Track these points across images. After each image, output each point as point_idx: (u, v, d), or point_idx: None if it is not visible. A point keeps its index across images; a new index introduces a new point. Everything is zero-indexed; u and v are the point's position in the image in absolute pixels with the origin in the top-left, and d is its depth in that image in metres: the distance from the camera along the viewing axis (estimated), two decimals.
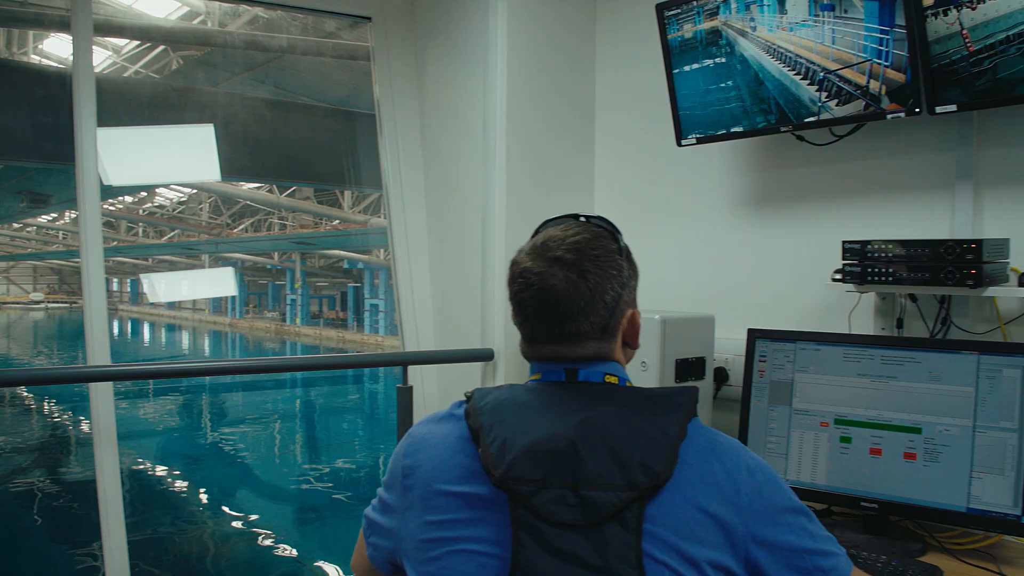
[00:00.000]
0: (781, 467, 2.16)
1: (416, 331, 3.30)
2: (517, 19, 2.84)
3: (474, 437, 1.22)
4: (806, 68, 2.25)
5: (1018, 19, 1.86)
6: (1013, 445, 1.87)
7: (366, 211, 19.56)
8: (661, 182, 2.90)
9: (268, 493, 9.08)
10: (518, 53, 2.86)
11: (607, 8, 3.07)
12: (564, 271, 1.25)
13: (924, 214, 2.27)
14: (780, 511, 1.17)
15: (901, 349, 2.04)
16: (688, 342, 2.30)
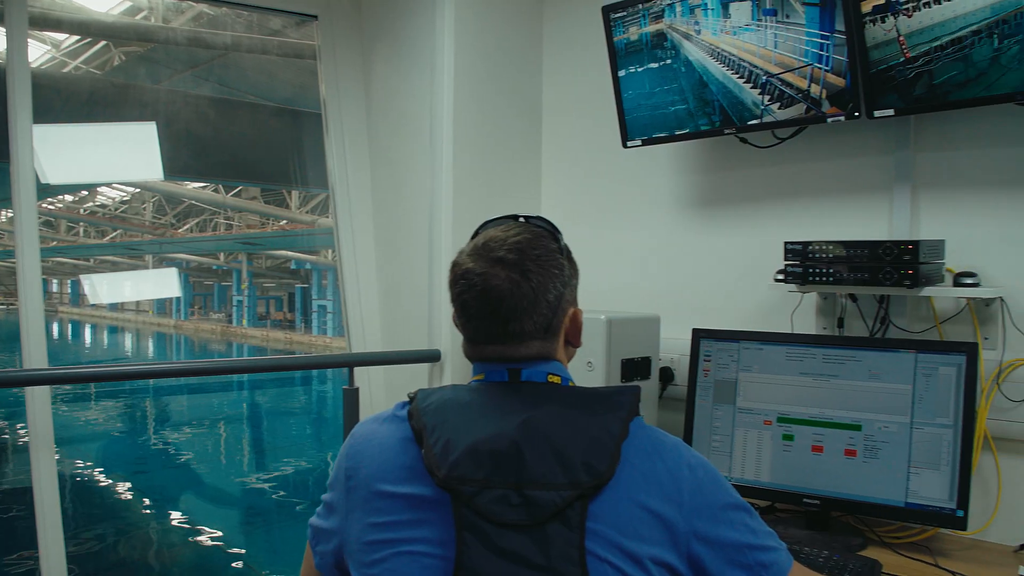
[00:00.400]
0: (725, 465, 2.19)
1: (363, 332, 3.27)
2: (464, 20, 2.83)
3: (417, 438, 1.21)
4: (749, 72, 2.29)
5: (952, 27, 1.91)
6: (949, 441, 1.92)
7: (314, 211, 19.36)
8: (607, 183, 2.92)
9: (214, 498, 8.93)
10: (465, 54, 2.85)
11: (554, 10, 3.07)
12: (506, 271, 1.25)
13: (864, 215, 2.32)
14: (721, 508, 1.18)
15: (841, 348, 2.08)
16: (634, 342, 2.32)
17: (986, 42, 1.88)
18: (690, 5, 2.36)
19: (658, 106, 2.50)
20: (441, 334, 2.83)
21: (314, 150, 3.47)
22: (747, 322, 2.50)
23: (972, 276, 2.03)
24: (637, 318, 2.37)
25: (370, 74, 3.29)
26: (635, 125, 2.57)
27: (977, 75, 1.92)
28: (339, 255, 3.31)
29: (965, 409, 1.92)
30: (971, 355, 1.93)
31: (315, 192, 15.65)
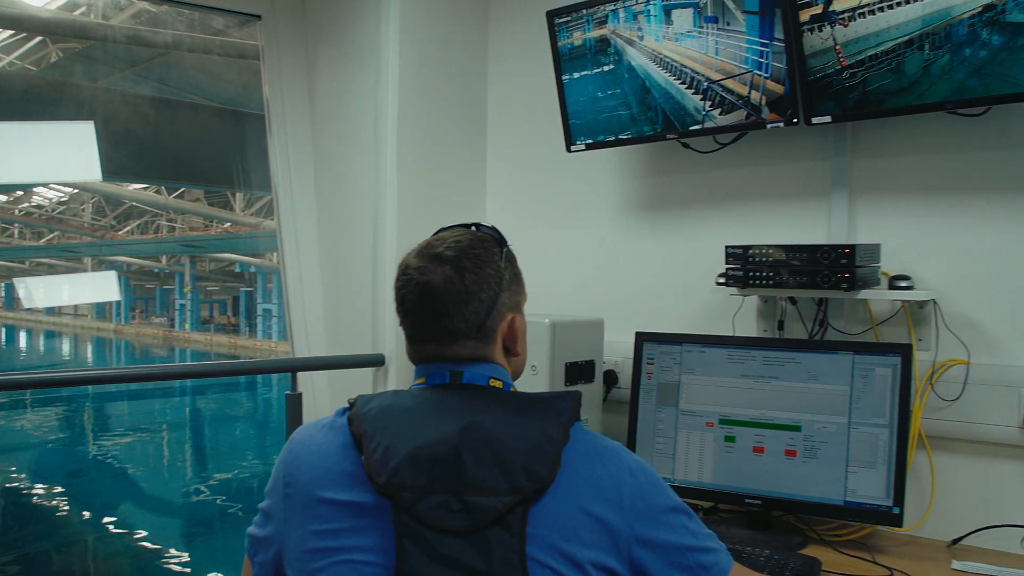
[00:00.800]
0: (669, 467, 2.21)
1: (306, 337, 3.24)
2: (409, 24, 2.82)
3: (357, 444, 1.20)
4: (691, 78, 2.31)
5: (885, 37, 1.96)
6: (885, 440, 1.96)
7: (259, 213, 19.12)
8: (552, 187, 2.92)
9: (155, 507, 8.76)
10: (410, 58, 2.84)
11: (499, 14, 3.08)
12: (442, 267, 1.27)
13: (803, 220, 2.36)
14: (662, 511, 1.20)
15: (781, 350, 2.12)
16: (578, 345, 2.33)
17: (917, 52, 1.93)
18: (633, 11, 2.38)
19: (602, 111, 2.52)
20: (385, 338, 2.81)
21: (257, 152, 3.42)
22: (690, 325, 2.52)
23: (906, 279, 2.09)
24: (581, 321, 2.38)
25: (314, 76, 3.25)
26: (579, 129, 2.59)
27: (909, 84, 1.97)
28: (282, 258, 3.27)
29: (900, 409, 1.96)
30: (906, 356, 1.98)
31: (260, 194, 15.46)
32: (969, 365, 2.05)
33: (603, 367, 2.46)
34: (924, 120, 2.12)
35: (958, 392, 2.05)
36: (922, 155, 2.17)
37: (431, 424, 1.19)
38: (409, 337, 1.34)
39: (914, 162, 2.18)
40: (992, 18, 1.82)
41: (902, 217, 2.19)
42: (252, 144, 3.56)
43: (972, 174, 2.10)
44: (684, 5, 2.28)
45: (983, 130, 2.06)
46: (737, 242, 2.21)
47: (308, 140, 3.29)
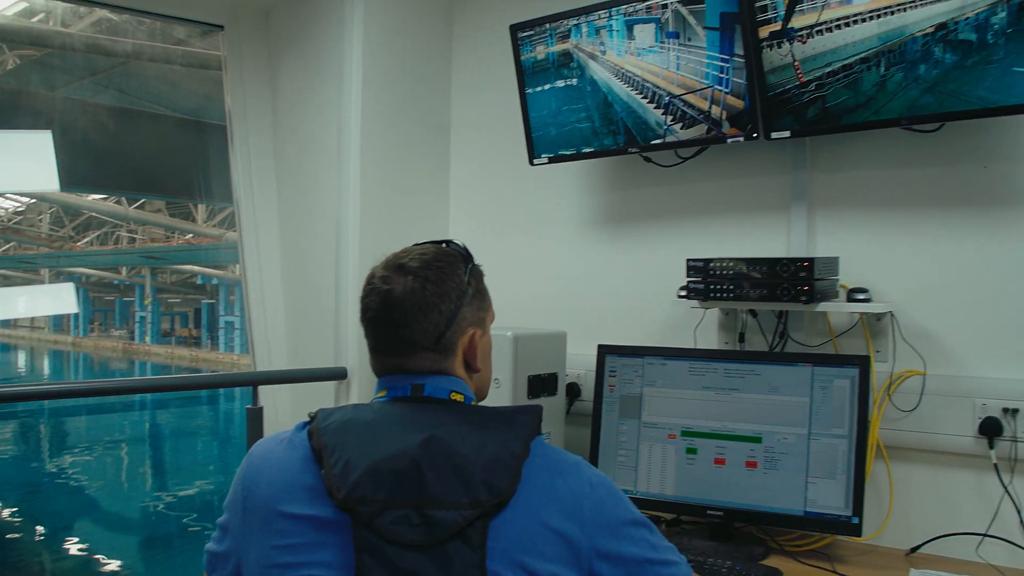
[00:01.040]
0: (631, 479, 2.22)
1: (268, 350, 3.21)
2: (373, 36, 2.82)
3: (317, 458, 1.19)
4: (653, 92, 2.34)
5: (843, 54, 2.00)
6: (844, 451, 1.99)
7: (222, 225, 18.93)
8: (515, 200, 2.93)
9: (114, 523, 8.61)
10: (374, 70, 2.83)
11: (464, 27, 3.08)
12: (405, 277, 1.28)
13: (763, 233, 2.39)
14: (622, 524, 1.20)
15: (742, 362, 2.14)
16: (540, 358, 2.33)
17: (873, 69, 1.97)
18: (596, 26, 2.40)
19: (564, 124, 2.54)
20: (348, 352, 2.79)
21: (219, 163, 3.40)
22: (652, 337, 2.54)
23: (864, 292, 2.12)
24: (544, 334, 2.38)
25: (277, 86, 3.24)
26: (542, 143, 2.60)
27: (866, 100, 2.00)
28: (244, 271, 3.24)
29: (859, 420, 1.99)
30: (863, 368, 2.00)
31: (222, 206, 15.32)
32: (925, 376, 2.08)
33: (566, 380, 2.47)
34: (881, 136, 2.16)
35: (915, 403, 2.09)
36: (879, 170, 2.20)
37: (392, 438, 1.18)
38: (371, 348, 1.33)
39: (871, 177, 2.22)
40: (945, 37, 1.86)
41: (860, 231, 2.23)
42: (214, 155, 3.53)
43: (927, 189, 2.14)
44: (646, 20, 2.31)
45: (937, 146, 2.10)
46: (698, 255, 2.23)
47: (270, 151, 3.27)
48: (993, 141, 2.04)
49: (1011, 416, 1.96)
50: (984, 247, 2.06)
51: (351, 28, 2.80)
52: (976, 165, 2.07)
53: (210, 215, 18.79)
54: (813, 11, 2.02)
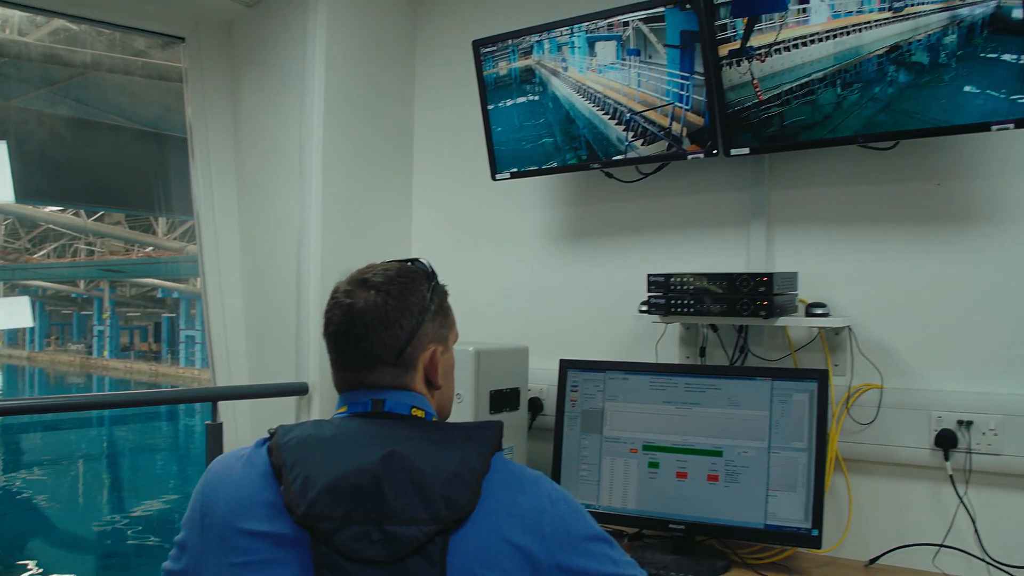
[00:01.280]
0: (593, 494, 2.22)
1: (228, 365, 3.17)
2: (335, 49, 2.81)
3: (277, 474, 1.18)
4: (614, 108, 2.35)
5: (800, 73, 2.03)
6: (804, 464, 2.01)
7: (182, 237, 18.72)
8: (477, 215, 2.93)
9: (69, 542, 8.42)
10: (336, 84, 2.82)
11: (426, 42, 3.09)
12: (367, 292, 1.29)
13: (723, 248, 2.41)
14: (583, 539, 1.20)
15: (703, 377, 2.15)
16: (502, 373, 2.33)
17: (830, 88, 2.01)
18: (558, 43, 2.42)
19: (526, 140, 2.55)
20: (309, 367, 2.77)
21: (179, 175, 3.36)
22: (614, 352, 2.55)
23: (822, 306, 2.15)
24: (506, 349, 2.38)
25: (239, 99, 3.21)
26: (504, 158, 2.61)
27: (823, 118, 2.04)
28: (204, 284, 3.21)
29: (818, 433, 2.01)
30: (822, 381, 2.03)
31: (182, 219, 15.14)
32: (883, 389, 2.11)
33: (528, 395, 2.47)
34: (838, 153, 2.20)
35: (872, 416, 2.12)
36: (836, 187, 2.24)
37: (351, 453, 1.17)
38: (332, 362, 1.33)
39: (829, 193, 2.25)
40: (898, 58, 1.91)
41: (818, 246, 2.26)
42: (174, 167, 3.49)
43: (883, 206, 2.17)
44: (607, 38, 2.33)
45: (892, 164, 2.14)
46: (659, 270, 2.25)
47: (231, 164, 3.25)
48: (946, 159, 2.08)
49: (965, 428, 2.00)
50: (938, 263, 2.10)
51: (314, 42, 2.79)
52: (930, 183, 2.11)
53: (171, 228, 18.57)
54: (771, 30, 2.05)
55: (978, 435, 1.98)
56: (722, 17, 2.11)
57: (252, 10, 3.14)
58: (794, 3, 2.01)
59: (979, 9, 1.80)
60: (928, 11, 1.86)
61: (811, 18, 2.00)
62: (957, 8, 1.82)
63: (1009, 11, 1.77)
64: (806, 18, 2.00)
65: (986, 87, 1.83)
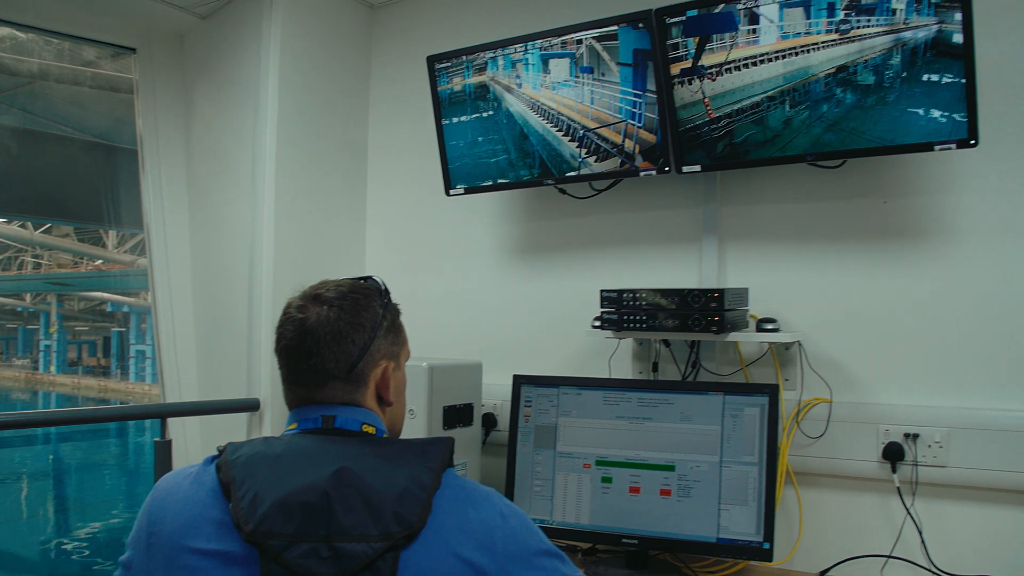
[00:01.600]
0: (547, 509, 2.22)
1: (178, 380, 3.12)
2: (289, 62, 2.79)
3: (225, 492, 1.17)
4: (568, 125, 2.37)
5: (750, 92, 2.06)
6: (755, 477, 2.03)
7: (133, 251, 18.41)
8: (431, 230, 2.93)
9: (11, 564, 8.18)
10: (290, 97, 2.81)
11: (381, 57, 3.09)
12: (320, 307, 1.29)
13: (676, 264, 2.43)
14: (534, 555, 1.20)
15: (655, 392, 2.16)
16: (456, 389, 2.32)
17: (780, 107, 2.04)
18: (512, 59, 2.43)
19: (480, 156, 2.55)
20: (261, 382, 2.73)
21: (129, 187, 3.31)
22: (567, 367, 2.56)
23: (773, 322, 2.17)
24: (459, 365, 2.37)
25: (191, 112, 3.18)
26: (458, 173, 2.61)
27: (773, 136, 2.07)
28: (153, 299, 3.16)
29: (768, 447, 2.03)
30: (773, 396, 2.05)
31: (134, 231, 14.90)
32: (831, 403, 2.15)
33: (482, 410, 2.46)
34: (787, 171, 2.24)
35: (822, 429, 2.15)
36: (786, 204, 2.27)
37: (301, 470, 1.16)
38: (284, 378, 1.32)
39: (779, 210, 2.29)
40: (845, 79, 1.95)
41: (769, 262, 2.29)
42: (124, 179, 3.44)
43: (832, 223, 2.21)
44: (561, 55, 2.34)
45: (840, 182, 2.19)
46: (612, 286, 2.26)
47: (183, 177, 3.21)
48: (892, 178, 2.13)
49: (912, 441, 2.04)
50: (885, 279, 2.14)
51: (268, 55, 2.77)
52: (877, 200, 2.15)
53: (121, 240, 18.26)
54: (722, 50, 2.08)
55: (924, 448, 2.02)
56: (674, 36, 2.14)
57: (205, 22, 3.11)
58: (744, 23, 2.05)
59: (921, 33, 1.85)
60: (873, 34, 1.90)
61: (761, 38, 2.03)
62: (901, 31, 1.87)
63: (950, 35, 1.82)
64: (756, 38, 2.04)
65: (929, 108, 1.87)
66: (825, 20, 1.95)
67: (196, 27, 3.14)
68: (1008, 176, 2.00)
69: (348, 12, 3.04)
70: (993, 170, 2.02)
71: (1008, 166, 2.00)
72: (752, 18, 2.04)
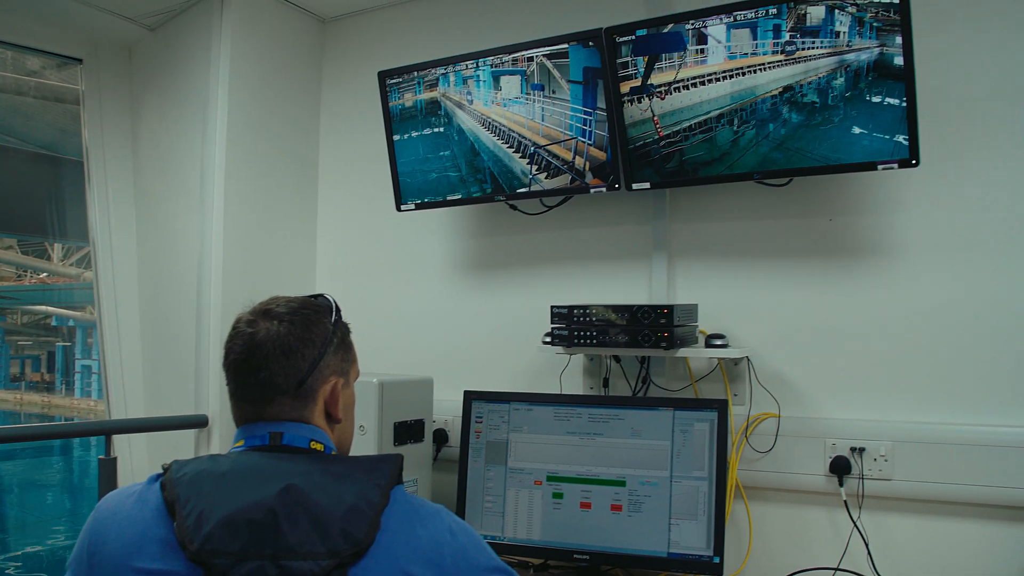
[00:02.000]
0: (498, 525, 2.21)
1: (124, 396, 3.06)
2: (239, 75, 2.76)
3: (170, 510, 1.15)
4: (518, 142, 2.38)
5: (699, 111, 2.09)
6: (705, 492, 2.04)
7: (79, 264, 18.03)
8: (382, 245, 2.91)
9: None
10: (240, 110, 2.77)
11: (333, 72, 3.07)
12: (269, 322, 1.28)
13: (626, 281, 2.45)
14: (483, 571, 1.20)
15: (606, 407, 2.17)
16: (407, 405, 2.30)
17: (727, 126, 2.07)
18: (463, 76, 2.43)
19: (431, 171, 2.55)
20: (208, 398, 2.69)
21: (75, 200, 3.25)
22: (518, 383, 2.56)
23: (722, 338, 2.20)
24: (410, 381, 2.35)
25: (138, 124, 3.13)
26: (409, 189, 2.60)
27: (721, 155, 2.10)
28: (99, 313, 3.09)
29: (718, 462, 2.05)
30: (722, 411, 2.08)
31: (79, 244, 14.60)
32: (780, 418, 2.17)
33: (433, 426, 2.44)
34: (735, 188, 2.27)
35: (770, 444, 2.17)
36: (735, 221, 2.30)
37: (248, 488, 1.15)
38: (231, 393, 1.31)
39: (728, 227, 2.31)
40: (791, 99, 1.98)
41: (717, 279, 2.32)
42: (69, 192, 3.37)
43: (780, 240, 2.25)
44: (512, 72, 2.35)
45: (787, 200, 2.22)
46: (563, 302, 2.27)
47: (130, 190, 3.16)
48: (838, 196, 2.17)
49: (858, 454, 2.07)
50: (831, 295, 2.18)
51: (217, 68, 2.74)
52: (823, 218, 2.19)
53: (67, 254, 17.90)
54: (671, 69, 2.11)
55: (870, 461, 2.06)
56: (624, 55, 2.16)
57: (154, 34, 3.07)
58: (692, 44, 2.08)
59: (864, 55, 1.89)
60: (817, 55, 1.94)
61: (709, 58, 2.06)
62: (844, 53, 1.91)
63: (891, 58, 1.86)
64: (704, 58, 2.07)
65: (872, 128, 1.92)
66: (771, 41, 1.99)
67: (144, 38, 3.10)
68: (948, 195, 2.06)
69: (299, 26, 3.02)
70: (934, 189, 2.07)
71: (948, 186, 2.05)
72: (700, 38, 2.07)
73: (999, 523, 1.96)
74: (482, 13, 2.72)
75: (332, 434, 1.33)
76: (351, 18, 3.03)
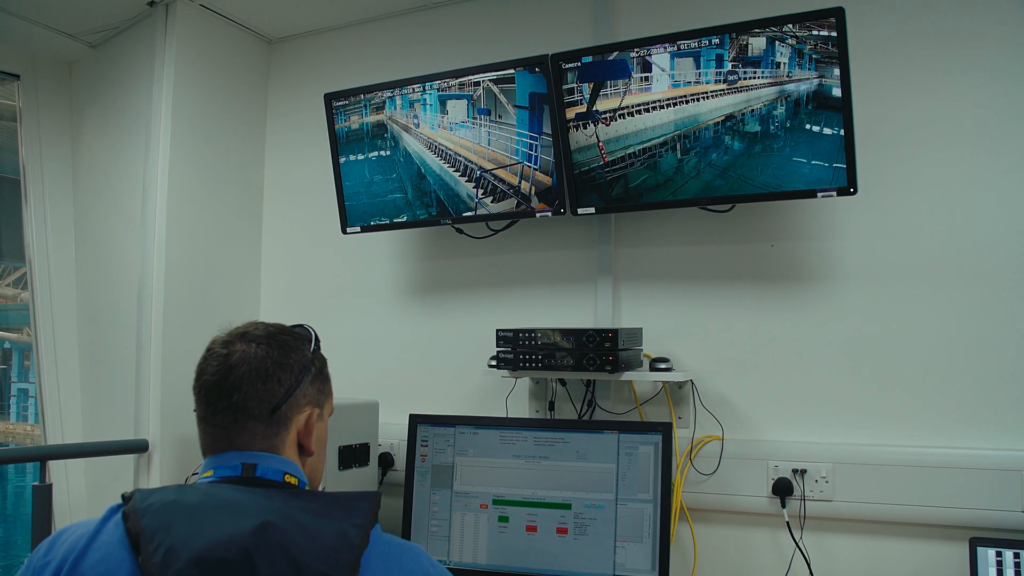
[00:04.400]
0: (444, 549, 2.19)
1: (60, 421, 2.97)
2: (183, 95, 2.72)
3: (134, 544, 1.07)
4: (464, 166, 2.38)
5: (643, 137, 2.12)
6: (650, 514, 2.05)
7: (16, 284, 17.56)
8: (328, 267, 2.89)
9: None
10: (183, 130, 2.73)
11: (279, 93, 3.05)
12: (247, 345, 1.23)
13: (572, 304, 2.46)
14: None
15: (551, 431, 2.18)
16: (352, 428, 2.28)
17: (671, 153, 2.10)
18: (410, 99, 2.44)
19: (377, 194, 2.54)
20: (149, 423, 2.62)
21: (11, 219, 3.17)
22: (464, 407, 2.55)
23: (666, 361, 2.22)
24: (355, 404, 2.33)
25: (79, 142, 3.07)
26: (355, 212, 2.59)
27: (665, 181, 2.13)
28: (35, 335, 3.02)
29: (663, 484, 2.06)
30: (666, 434, 2.09)
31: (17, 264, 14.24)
32: (723, 441, 2.20)
33: (378, 450, 2.43)
34: (680, 214, 2.30)
35: (714, 466, 2.20)
36: (679, 246, 2.34)
37: (220, 523, 1.08)
38: (200, 417, 1.24)
39: (672, 252, 2.35)
40: (733, 127, 2.02)
41: (662, 303, 2.34)
42: (5, 211, 3.29)
43: (722, 265, 2.28)
44: (458, 96, 2.36)
45: (730, 225, 2.26)
46: (510, 325, 2.27)
47: (69, 209, 3.10)
48: (779, 223, 2.21)
49: (800, 476, 2.10)
50: (772, 320, 2.21)
51: (160, 87, 2.70)
52: (765, 244, 2.23)
53: (3, 274, 17.42)
54: (616, 96, 2.14)
55: (812, 482, 2.09)
56: (570, 81, 2.19)
57: (95, 50, 3.02)
58: (637, 71, 2.11)
59: (803, 86, 1.94)
60: (759, 85, 1.98)
61: (653, 86, 2.10)
62: (784, 84, 1.96)
63: (829, 89, 1.91)
64: (648, 86, 2.10)
65: (811, 157, 1.96)
66: (714, 71, 2.03)
67: (86, 55, 3.05)
68: (885, 223, 2.11)
69: (245, 46, 2.99)
70: (871, 218, 2.12)
71: (885, 214, 2.11)
72: (645, 66, 2.10)
73: (936, 542, 2.00)
74: (429, 37, 2.74)
75: (304, 467, 1.28)
76: (298, 39, 3.02)
